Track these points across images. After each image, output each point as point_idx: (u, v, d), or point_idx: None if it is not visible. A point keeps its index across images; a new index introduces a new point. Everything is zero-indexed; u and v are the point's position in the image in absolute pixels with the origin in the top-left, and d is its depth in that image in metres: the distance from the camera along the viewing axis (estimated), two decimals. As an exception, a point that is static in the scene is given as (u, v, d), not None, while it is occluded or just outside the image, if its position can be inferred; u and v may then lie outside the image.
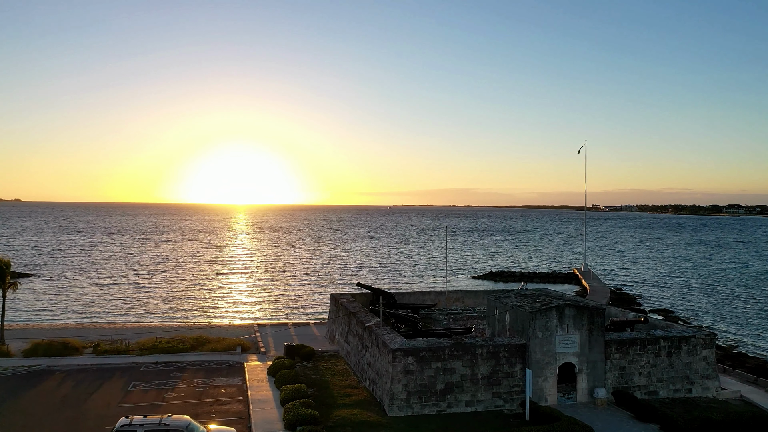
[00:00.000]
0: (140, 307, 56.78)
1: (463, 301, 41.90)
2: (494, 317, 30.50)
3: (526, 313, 26.98)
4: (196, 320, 50.67)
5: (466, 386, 25.82)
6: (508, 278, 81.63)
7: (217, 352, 36.16)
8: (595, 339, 27.36)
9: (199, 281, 72.50)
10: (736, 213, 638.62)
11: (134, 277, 75.21)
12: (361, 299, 39.80)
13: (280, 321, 50.05)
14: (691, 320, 55.40)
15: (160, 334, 41.76)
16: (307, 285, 72.06)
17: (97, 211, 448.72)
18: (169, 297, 61.92)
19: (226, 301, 61.09)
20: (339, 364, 33.13)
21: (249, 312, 56.01)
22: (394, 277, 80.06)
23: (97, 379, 29.81)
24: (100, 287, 67.98)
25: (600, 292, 62.87)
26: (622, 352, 27.99)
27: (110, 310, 55.00)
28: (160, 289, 66.69)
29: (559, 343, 26.93)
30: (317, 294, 65.22)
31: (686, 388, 28.53)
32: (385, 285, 71.34)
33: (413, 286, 72.66)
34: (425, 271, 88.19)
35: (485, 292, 42.92)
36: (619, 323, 31.53)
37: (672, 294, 71.84)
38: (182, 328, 45.93)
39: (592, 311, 27.44)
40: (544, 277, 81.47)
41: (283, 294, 65.91)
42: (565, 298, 29.08)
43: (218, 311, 55.87)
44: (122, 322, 49.43)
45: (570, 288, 75.42)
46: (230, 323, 49.54)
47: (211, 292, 65.52)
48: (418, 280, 77.89)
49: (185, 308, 56.28)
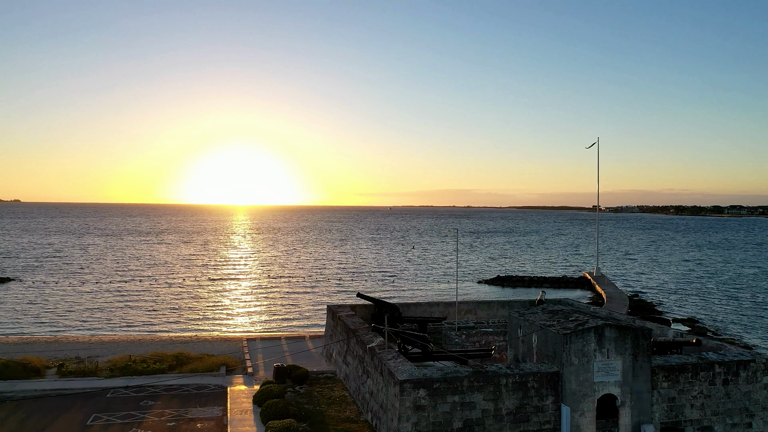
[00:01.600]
0: (121, 317, 52.35)
1: (476, 313, 37.55)
2: (517, 337, 26.18)
3: (558, 335, 22.65)
4: (180, 333, 46.30)
5: (488, 424, 21.51)
6: (517, 283, 77.35)
7: (198, 373, 31.83)
8: (640, 365, 23.03)
9: (187, 288, 67.86)
10: (738, 214, 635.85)
11: (120, 283, 70.61)
12: (361, 312, 35.51)
13: (273, 333, 45.74)
14: (720, 331, 51.07)
15: (139, 350, 37.53)
16: (304, 292, 67.17)
17: (95, 212, 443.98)
18: (154, 306, 57.44)
19: (215, 311, 56.41)
20: (336, 389, 28.81)
21: (239, 323, 51.55)
22: (396, 282, 75.39)
23: (53, 410, 25.44)
24: (82, 294, 63.51)
25: (618, 300, 58.52)
26: (671, 380, 23.66)
27: (88, 320, 50.58)
28: (145, 297, 62.18)
29: (599, 370, 22.60)
30: (314, 303, 60.60)
31: (745, 421, 24.23)
32: (388, 293, 66.95)
33: (417, 293, 68.27)
34: (429, 276, 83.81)
35: (500, 303, 38.62)
36: (663, 344, 27.09)
37: (692, 301, 67.46)
38: (164, 341, 41.61)
39: (636, 332, 23.11)
40: (555, 282, 77.12)
41: (276, 302, 61.13)
42: (602, 316, 24.81)
43: (205, 322, 51.33)
44: (99, 334, 45.07)
45: (583, 294, 71.12)
46: (218, 335, 45.18)
47: (200, 301, 60.83)
48: (422, 286, 73.53)
49: (170, 319, 51.80)
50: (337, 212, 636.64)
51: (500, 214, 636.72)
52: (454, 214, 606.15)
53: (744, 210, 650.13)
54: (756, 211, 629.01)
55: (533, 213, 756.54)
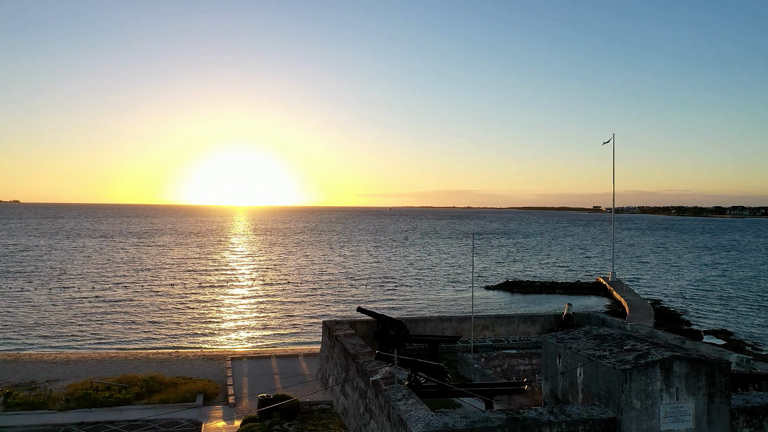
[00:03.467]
0: (95, 330, 47.34)
1: (493, 329, 32.68)
2: (555, 368, 21.28)
3: (614, 370, 17.77)
4: (159, 349, 41.39)
5: (527, 489, 16.64)
6: (528, 289, 72.47)
7: (169, 404, 26.95)
8: (716, 408, 18.17)
9: (173, 296, 62.66)
10: (740, 215, 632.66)
11: (100, 291, 65.47)
12: (362, 329, 30.66)
13: (262, 349, 40.90)
14: (758, 345, 46.18)
15: (107, 371, 32.76)
16: (299, 302, 61.60)
17: (93, 213, 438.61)
18: (134, 317, 52.32)
19: (200, 323, 51.09)
20: (333, 426, 23.96)
21: (225, 338, 46.32)
22: (400, 290, 70.34)
23: (-18, 457, 20.62)
24: (56, 303, 58.36)
25: (641, 309, 53.64)
26: (753, 425, 18.82)
27: (58, 334, 45.55)
28: (125, 307, 57.04)
29: (666, 416, 17.73)
30: (310, 314, 55.21)
31: None
32: (391, 303, 62.05)
33: (423, 304, 63.39)
34: (436, 283, 78.97)
35: (521, 318, 33.76)
36: (738, 378, 22.11)
37: (718, 309, 62.59)
38: (138, 360, 36.73)
39: (712, 366, 18.23)
40: (568, 288, 72.25)
41: (269, 314, 55.63)
42: (664, 343, 19.93)
43: (188, 336, 46.23)
44: (66, 351, 40.12)
45: (598, 301, 66.33)
46: (200, 353, 40.23)
47: (185, 311, 55.52)
48: (429, 295, 68.60)
49: (149, 332, 46.73)
50: (336, 213, 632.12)
51: (501, 215, 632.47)
52: (455, 215, 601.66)
53: (746, 211, 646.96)
54: (758, 212, 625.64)
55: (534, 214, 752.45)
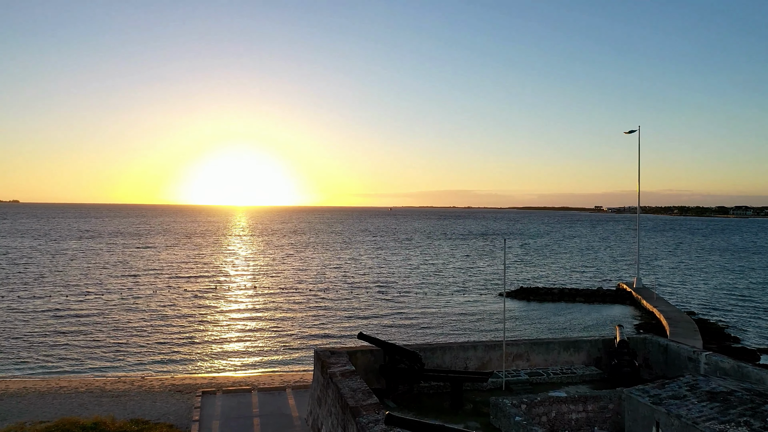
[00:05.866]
0: (50, 350, 40.44)
1: (528, 358, 25.97)
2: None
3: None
4: (120, 375, 34.76)
5: None
6: (545, 296, 65.90)
7: (108, 466, 20.50)
8: None
9: (147, 309, 54.64)
10: (744, 215, 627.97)
11: (71, 301, 58.32)
12: (363, 361, 23.89)
13: (244, 375, 34.31)
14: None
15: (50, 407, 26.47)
16: (290, 318, 52.40)
17: (91, 213, 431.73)
18: (99, 333, 45.02)
19: (174, 342, 42.75)
20: (325, 506, 17.40)
21: (200, 362, 38.26)
22: (406, 301, 63.17)
23: None
24: (13, 317, 51.24)
25: (681, 323, 46.98)
26: None
27: (6, 356, 38.81)
28: (92, 320, 49.43)
29: None
30: (304, 332, 46.78)
31: None
32: (397, 318, 55.25)
33: (435, 319, 56.66)
34: (445, 291, 72.39)
35: (562, 345, 27.03)
36: None
37: (761, 321, 56.02)
38: (92, 391, 30.18)
39: None
40: (590, 296, 65.62)
41: (255, 332, 46.97)
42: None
43: (157, 359, 38.78)
44: (8, 377, 33.54)
45: (624, 311, 59.72)
46: (170, 379, 33.66)
47: (158, 327, 47.19)
48: (441, 307, 61.90)
49: (113, 353, 39.63)
50: (336, 213, 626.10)
51: (502, 215, 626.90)
52: (456, 215, 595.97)
53: (750, 211, 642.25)
54: (762, 212, 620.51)
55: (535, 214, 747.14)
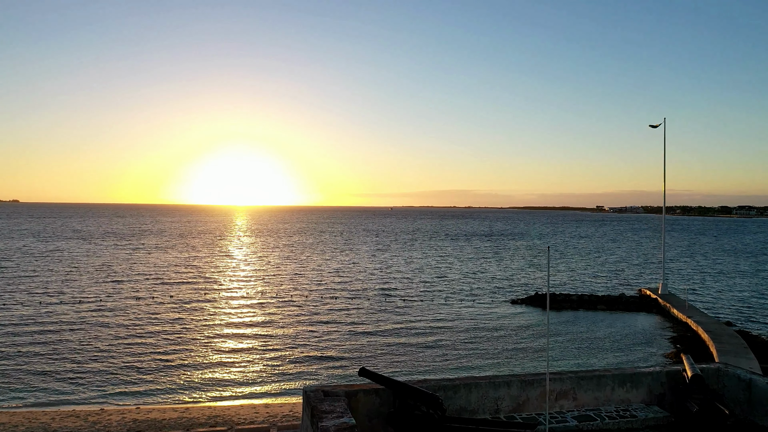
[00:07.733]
0: (13, 371, 35.04)
1: (575, 397, 19.68)
2: None
3: None
4: (76, 405, 29.20)
5: None
6: (563, 303, 60.31)
7: None
8: None
9: (123, 324, 48.09)
10: (747, 214, 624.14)
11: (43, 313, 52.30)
12: (367, 405, 17.38)
13: (221, 408, 28.74)
14: None
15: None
16: (281, 336, 44.10)
17: (91, 213, 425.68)
18: (57, 357, 38.80)
19: (144, 369, 35.41)
20: None
21: (170, 392, 31.60)
22: (414, 314, 57.42)
23: None
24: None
25: (725, 337, 41.40)
26: None
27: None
28: (53, 340, 43.04)
29: None
30: (295, 357, 38.44)
31: None
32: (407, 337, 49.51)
33: (449, 336, 51.09)
34: (454, 298, 66.78)
35: (616, 379, 20.96)
36: None
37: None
38: (44, 425, 24.68)
39: None
40: (611, 303, 60.13)
41: (241, 353, 39.06)
42: None
43: (118, 392, 32.34)
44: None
45: (649, 320, 54.15)
46: (133, 411, 28.11)
47: (129, 345, 40.74)
48: (454, 320, 56.28)
49: (69, 379, 33.96)
50: (336, 213, 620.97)
51: (503, 215, 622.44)
52: (457, 215, 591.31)
53: (753, 210, 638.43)
54: (766, 212, 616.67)
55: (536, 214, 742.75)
